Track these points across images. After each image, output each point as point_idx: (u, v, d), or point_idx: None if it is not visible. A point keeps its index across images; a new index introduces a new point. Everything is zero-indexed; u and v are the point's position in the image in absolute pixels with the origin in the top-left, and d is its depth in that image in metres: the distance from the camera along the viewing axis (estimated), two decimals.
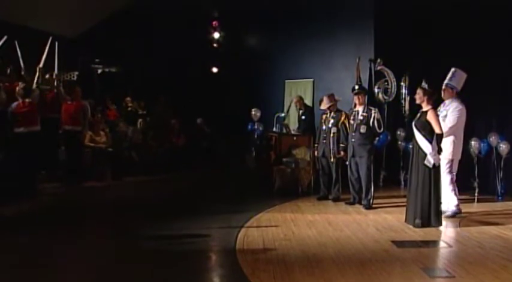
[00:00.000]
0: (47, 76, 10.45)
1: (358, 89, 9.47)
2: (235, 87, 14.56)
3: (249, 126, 12.70)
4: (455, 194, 7.95)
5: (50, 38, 10.26)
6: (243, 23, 14.48)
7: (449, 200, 7.94)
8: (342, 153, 9.21)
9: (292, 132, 11.46)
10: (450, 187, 7.92)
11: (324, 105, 9.55)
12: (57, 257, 5.85)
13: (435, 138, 7.09)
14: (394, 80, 11.48)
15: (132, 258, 5.85)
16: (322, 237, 6.66)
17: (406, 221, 7.41)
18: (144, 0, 13.86)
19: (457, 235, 7.03)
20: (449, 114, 7.90)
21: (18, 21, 11.68)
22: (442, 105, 8.10)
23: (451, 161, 7.93)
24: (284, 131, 11.41)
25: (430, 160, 7.07)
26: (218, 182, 12.29)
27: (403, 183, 11.10)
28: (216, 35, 15.28)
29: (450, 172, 7.94)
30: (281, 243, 6.34)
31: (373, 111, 8.85)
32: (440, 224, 7.20)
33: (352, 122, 8.99)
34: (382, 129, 9.01)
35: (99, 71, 14.19)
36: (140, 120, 13.26)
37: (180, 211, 8.38)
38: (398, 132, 11.47)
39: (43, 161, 9.74)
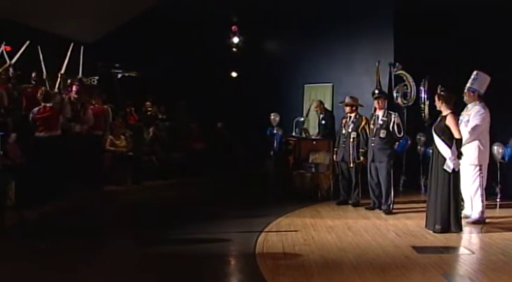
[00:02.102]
0: (69, 81, 10.56)
1: (377, 93, 9.43)
2: (255, 92, 14.58)
3: (268, 131, 12.70)
4: (482, 201, 7.83)
5: (72, 44, 10.38)
6: (262, 27, 14.50)
7: (474, 206, 7.86)
8: (362, 158, 9.19)
9: (312, 136, 11.43)
10: (478, 193, 7.82)
11: (345, 103, 9.55)
12: (78, 260, 5.90)
13: (454, 143, 7.07)
14: (413, 84, 11.41)
15: (151, 262, 5.88)
16: (342, 242, 6.66)
17: (426, 226, 7.37)
18: (163, 5, 13.95)
19: (479, 241, 6.97)
20: (471, 119, 7.83)
21: (39, 26, 11.83)
22: (465, 109, 8.03)
23: (479, 166, 7.84)
24: (303, 135, 11.39)
25: (449, 165, 7.06)
26: (237, 186, 12.30)
27: (423, 188, 11.00)
28: (236, 40, 15.31)
29: (479, 178, 7.84)
30: (301, 248, 6.34)
31: (393, 116, 8.83)
32: (460, 230, 7.16)
33: (372, 126, 8.98)
34: (402, 134, 8.98)
35: (119, 75, 14.26)
36: (152, 128, 13.24)
37: (199, 215, 8.41)
38: (418, 137, 11.38)
39: (64, 165, 9.81)
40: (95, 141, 10.59)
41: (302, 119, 12.19)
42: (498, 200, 9.59)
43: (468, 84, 8.04)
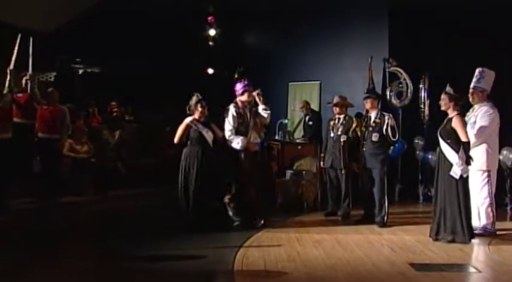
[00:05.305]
0: (24, 80, 10.37)
1: (366, 93, 9.40)
2: (233, 91, 14.47)
3: None
4: (491, 210, 7.85)
5: (20, 34, 10.17)
6: (241, 18, 14.45)
7: (482, 216, 7.86)
8: (353, 164, 9.14)
9: (297, 140, 11.39)
10: (487, 201, 7.84)
11: (333, 103, 9.52)
12: (32, 279, 5.75)
13: (462, 147, 7.09)
14: (410, 81, 11.41)
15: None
16: (331, 259, 6.59)
17: (430, 235, 7.42)
18: None
19: (486, 258, 6.91)
20: (478, 121, 7.83)
21: None
22: (470, 110, 8.02)
23: (488, 172, 7.85)
24: (287, 139, 11.34)
25: (456, 171, 7.10)
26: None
27: (421, 197, 11.01)
28: (212, 32, 15.28)
29: (487, 185, 7.84)
30: (284, 265, 6.27)
31: (386, 117, 8.79)
32: (469, 241, 7.16)
33: (363, 129, 8.94)
34: (396, 137, 8.93)
35: (81, 71, 14.14)
36: (118, 131, 13.09)
37: (171, 229, 8.27)
38: (416, 141, 11.38)
39: (15, 172, 9.65)
40: (50, 146, 10.41)
41: (286, 121, 12.15)
42: (508, 210, 9.62)
43: (474, 84, 8.03)
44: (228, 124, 8.47)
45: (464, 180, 7.17)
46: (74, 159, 11.31)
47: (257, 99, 8.77)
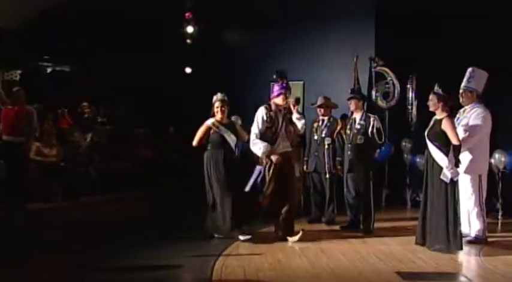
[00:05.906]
0: None
1: (350, 93, 9.41)
2: (212, 91, 14.42)
3: None
4: (482, 216, 7.84)
5: None
6: (221, 15, 14.40)
7: (473, 223, 7.86)
8: (339, 167, 9.13)
9: None
10: (477, 208, 7.83)
11: (318, 105, 9.52)
12: None
13: (452, 150, 7.09)
14: (397, 81, 11.43)
15: None
16: (315, 268, 6.56)
17: (416, 242, 7.45)
18: None
19: (477, 266, 6.91)
20: (471, 122, 7.82)
21: None
22: (462, 111, 8.02)
23: (479, 177, 7.85)
24: None
25: (446, 174, 7.08)
26: (191, 202, 12.12)
27: (409, 203, 11.01)
28: (190, 29, 15.20)
29: (478, 190, 7.84)
30: (265, 274, 6.23)
31: (371, 119, 8.78)
32: (460, 249, 7.14)
33: (348, 131, 8.92)
34: (383, 140, 8.94)
35: (49, 70, 14.02)
36: (90, 133, 13.02)
37: (146, 237, 8.23)
38: (404, 143, 11.41)
39: None
40: (15, 149, 10.30)
41: None
42: (499, 217, 9.64)
43: (464, 84, 8.05)
44: (255, 126, 8.04)
45: (454, 185, 7.15)
46: (42, 164, 11.22)
47: (291, 106, 8.26)
